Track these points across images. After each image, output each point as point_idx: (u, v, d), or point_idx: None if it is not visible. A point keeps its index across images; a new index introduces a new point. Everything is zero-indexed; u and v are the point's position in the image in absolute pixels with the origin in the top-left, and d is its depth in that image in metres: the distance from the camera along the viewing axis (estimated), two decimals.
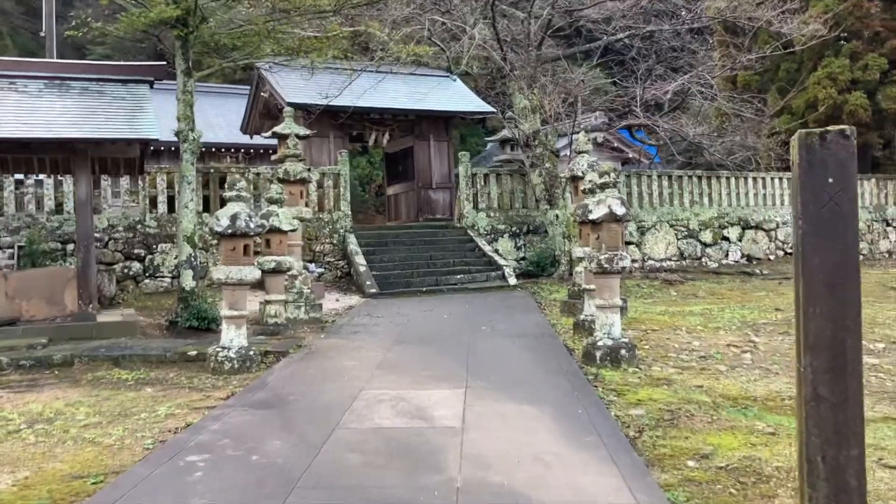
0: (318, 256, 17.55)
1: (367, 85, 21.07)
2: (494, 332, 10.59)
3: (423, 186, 22.60)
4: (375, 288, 15.69)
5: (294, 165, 12.30)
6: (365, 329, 11.16)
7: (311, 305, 12.32)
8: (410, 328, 11.14)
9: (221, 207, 17.39)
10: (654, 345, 9.84)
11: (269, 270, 10.25)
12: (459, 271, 17.11)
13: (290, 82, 20.85)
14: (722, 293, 16.22)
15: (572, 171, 12.22)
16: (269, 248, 10.30)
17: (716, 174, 22.38)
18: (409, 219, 22.95)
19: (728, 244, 22.16)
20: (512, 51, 19.59)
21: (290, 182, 12.30)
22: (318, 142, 20.96)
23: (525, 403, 6.41)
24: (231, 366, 8.33)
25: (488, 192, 19.78)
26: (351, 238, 17.65)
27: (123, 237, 16.27)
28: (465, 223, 19.26)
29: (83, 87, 11.64)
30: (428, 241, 18.54)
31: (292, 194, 12.39)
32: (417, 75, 23.43)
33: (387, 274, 16.55)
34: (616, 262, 8.15)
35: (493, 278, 17.08)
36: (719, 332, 10.97)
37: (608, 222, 8.23)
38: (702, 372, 8.30)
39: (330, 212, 18.06)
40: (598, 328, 8.35)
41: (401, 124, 22.52)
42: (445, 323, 11.68)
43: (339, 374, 7.84)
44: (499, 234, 19.35)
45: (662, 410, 6.51)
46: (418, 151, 22.72)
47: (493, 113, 22.52)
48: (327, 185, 18.11)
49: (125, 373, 8.55)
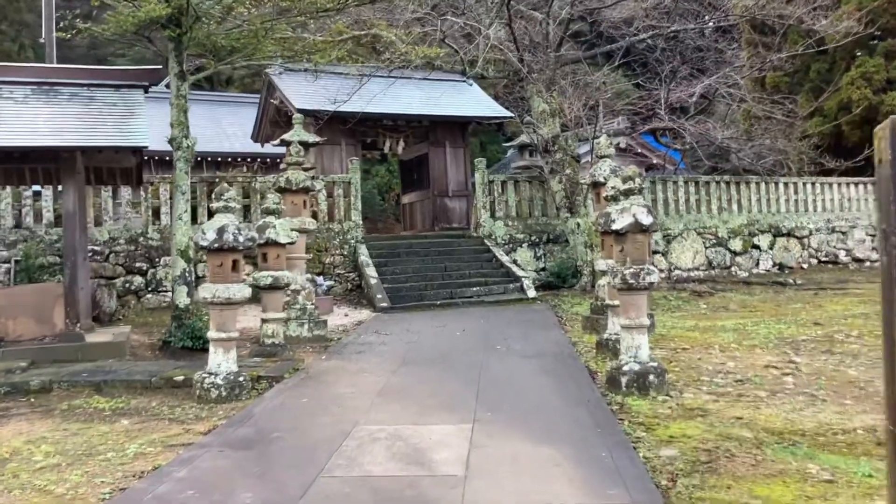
0: (327, 269, 16.84)
1: (379, 90, 20.38)
2: (510, 352, 9.78)
3: (439, 194, 21.85)
4: (387, 302, 14.93)
5: (296, 174, 11.58)
6: (370, 348, 10.39)
7: (316, 322, 11.58)
8: (420, 347, 10.36)
9: None
10: (684, 366, 8.98)
11: (266, 287, 9.52)
12: (475, 283, 16.32)
13: (301, 88, 20.21)
14: (755, 305, 15.29)
15: (593, 176, 11.40)
16: (265, 262, 9.57)
17: (745, 179, 21.43)
18: (425, 228, 22.21)
19: (759, 252, 21.19)
20: (529, 52, 18.81)
21: (292, 191, 11.59)
22: (330, 149, 20.29)
23: (541, 443, 5.60)
24: (218, 394, 7.59)
25: (506, 199, 18.98)
26: (362, 249, 16.92)
27: (125, 250, 15.66)
28: (482, 232, 18.48)
29: (72, 92, 11.01)
30: (443, 251, 17.78)
31: (295, 204, 11.67)
32: (432, 80, 22.69)
33: (399, 287, 15.80)
34: (643, 277, 7.32)
35: (510, 290, 16.27)
36: (756, 351, 10.09)
37: (633, 233, 7.41)
38: (739, 399, 7.44)
39: (340, 222, 17.35)
40: (624, 350, 7.52)
41: (415, 130, 21.79)
42: (458, 341, 10.88)
43: (334, 404, 7.07)
44: (517, 244, 18.54)
45: (698, 450, 5.67)
46: (433, 158, 21.98)
47: (511, 117, 21.72)
48: (337, 194, 17.40)
49: (104, 401, 7.84)
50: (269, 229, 9.47)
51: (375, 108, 20.39)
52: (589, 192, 18.16)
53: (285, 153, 12.02)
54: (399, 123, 21.37)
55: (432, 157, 21.99)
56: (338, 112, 18.64)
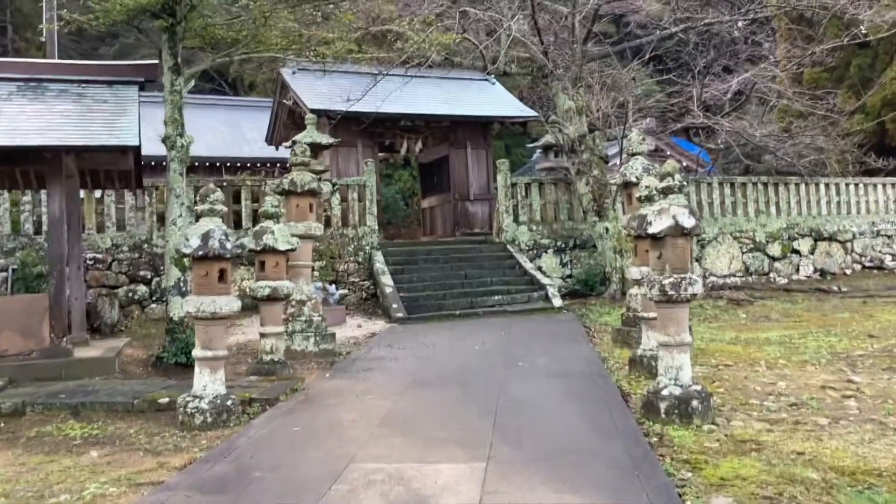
0: (341, 276, 16.03)
1: (397, 89, 19.60)
2: (533, 370, 8.86)
3: (460, 198, 20.98)
4: (402, 312, 14.07)
5: (302, 175, 10.78)
6: (380, 365, 9.53)
7: (323, 336, 10.75)
8: (434, 364, 9.48)
9: (236, 226, 16.03)
10: (729, 387, 8.02)
11: (264, 298, 8.69)
12: (497, 292, 15.41)
13: (314, 88, 19.46)
14: (798, 315, 14.23)
15: (625, 176, 10.48)
16: (263, 271, 8.75)
17: (783, 180, 20.31)
18: (445, 233, 21.35)
19: (798, 258, 20.05)
20: (554, 47, 17.91)
21: (296, 194, 10.78)
22: (346, 151, 19.52)
23: (566, 489, 4.69)
24: (202, 420, 6.77)
25: (530, 203, 18.06)
26: (377, 256, 16.08)
27: (128, 258, 14.96)
28: (505, 238, 17.57)
29: (61, 89, 10.29)
30: (463, 257, 16.89)
31: (300, 208, 10.86)
32: (452, 78, 21.89)
33: (416, 296, 14.93)
34: (684, 287, 6.39)
35: (535, 299, 15.33)
36: (807, 368, 9.09)
37: (673, 237, 6.48)
38: (797, 428, 6.47)
39: (355, 227, 16.53)
40: (663, 371, 6.58)
41: (435, 131, 20.95)
42: (476, 356, 9.99)
43: (330, 434, 6.21)
44: (542, 250, 17.60)
45: (757, 497, 4.73)
46: (454, 160, 21.12)
47: (536, 117, 20.81)
48: (352, 198, 16.59)
49: (79, 427, 7.05)
50: (266, 235, 8.64)
51: (393, 107, 19.59)
52: (619, 194, 17.21)
53: (290, 154, 11.19)
54: (418, 124, 20.55)
55: (453, 159, 21.13)
56: (353, 112, 17.86)
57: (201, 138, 26.52)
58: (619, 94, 17.87)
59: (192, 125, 27.21)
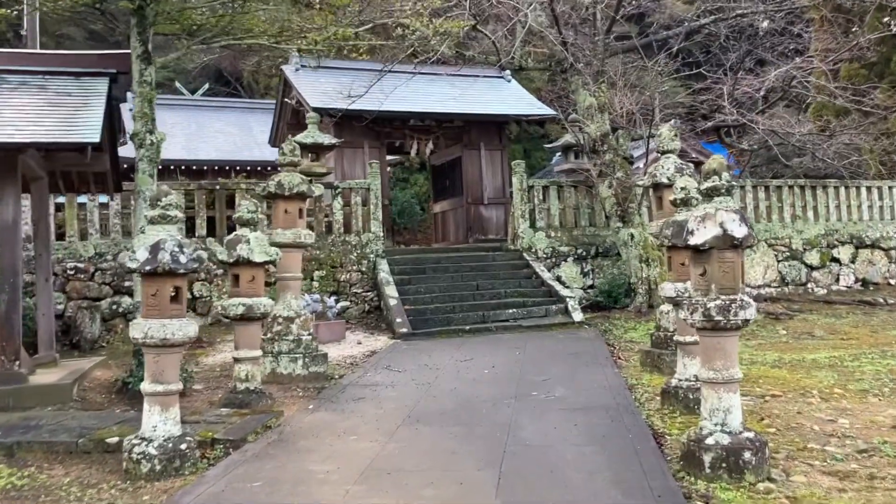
0: (343, 287, 14.91)
1: (405, 87, 18.53)
2: (549, 403, 7.68)
3: (473, 202, 19.84)
4: (407, 327, 12.94)
5: (290, 176, 9.67)
6: (374, 393, 8.39)
7: (313, 357, 9.63)
8: (435, 392, 8.33)
9: (229, 232, 14.99)
10: (782, 426, 6.81)
11: (238, 318, 7.57)
12: (512, 304, 14.23)
13: (318, 86, 18.43)
14: (845, 332, 12.93)
15: (654, 176, 9.28)
16: (237, 286, 7.64)
17: (821, 183, 18.97)
18: (458, 240, 20.21)
19: (838, 266, 18.69)
20: (574, 40, 16.75)
21: (284, 197, 9.66)
22: (351, 153, 18.46)
23: None
24: (150, 467, 5.66)
25: (548, 207, 16.86)
26: (382, 265, 14.96)
27: (112, 267, 13.93)
28: (521, 245, 16.38)
29: (21, 81, 9.25)
30: (475, 266, 15.73)
31: (288, 213, 9.74)
32: (465, 76, 20.77)
33: (423, 308, 13.79)
34: (734, 311, 5.21)
35: (553, 313, 14.14)
36: (869, 400, 7.86)
37: (720, 249, 5.29)
38: (874, 486, 5.26)
39: (358, 233, 15.42)
40: (707, 414, 5.39)
41: (446, 131, 19.82)
42: (484, 383, 8.82)
43: (295, 493, 5.07)
44: (561, 258, 16.40)
45: None
46: (467, 162, 19.98)
47: (554, 115, 19.65)
48: (354, 203, 15.48)
49: (7, 473, 5.96)
50: (240, 245, 7.53)
51: (401, 105, 18.57)
52: (644, 198, 16.02)
53: (279, 154, 10.09)
54: (428, 123, 19.44)
55: (466, 160, 19.99)
56: (358, 110, 16.82)
57: (211, 141, 25.69)
58: (644, 90, 16.65)
59: (202, 128, 26.51)
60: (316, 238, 15.19)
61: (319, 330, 12.73)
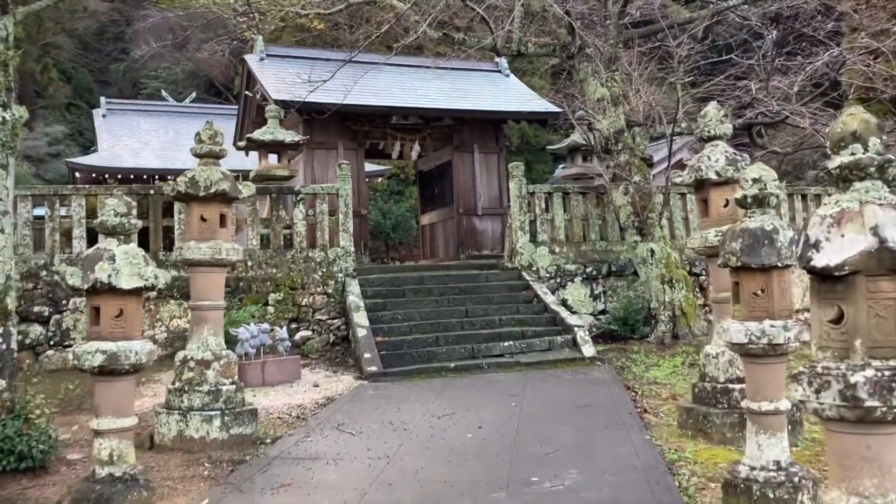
0: (304, 313, 12.53)
1: (388, 80, 16.31)
2: (557, 497, 5.29)
3: (465, 213, 17.48)
4: (376, 364, 10.55)
5: (207, 171, 7.32)
6: (306, 475, 5.98)
7: (236, 413, 7.24)
8: (393, 475, 5.92)
9: (168, 247, 12.61)
10: None
11: (95, 370, 5.19)
12: (508, 335, 11.85)
13: (284, 77, 16.14)
14: None
15: (699, 171, 6.95)
16: (97, 324, 5.27)
17: None
18: (448, 256, 17.85)
19: None
20: (582, 25, 14.49)
21: (198, 199, 7.30)
22: (323, 155, 16.14)
23: None
24: None
25: (551, 217, 14.48)
26: (353, 286, 12.58)
27: (19, 289, 11.54)
28: (520, 262, 13.99)
29: None
30: (465, 288, 13.34)
31: (206, 221, 7.38)
32: (457, 69, 18.54)
33: (399, 340, 11.41)
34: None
35: (558, 345, 11.76)
36: None
37: (875, 275, 2.94)
38: None
39: (324, 248, 13.04)
40: None
41: (435, 131, 17.50)
42: (465, 458, 6.41)
43: None
44: (567, 278, 14.01)
45: None
46: (458, 167, 17.65)
47: (558, 113, 17.37)
48: (319, 212, 13.11)
49: None
50: (100, 265, 5.15)
51: (381, 100, 16.29)
52: (666, 207, 13.72)
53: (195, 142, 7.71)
54: (413, 122, 17.13)
55: (457, 165, 17.65)
56: (329, 104, 14.47)
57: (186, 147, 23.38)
58: (664, 80, 14.33)
59: (181, 135, 24.21)
60: (272, 253, 12.88)
61: (267, 368, 10.39)
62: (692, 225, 15.16)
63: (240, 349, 10.23)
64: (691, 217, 15.15)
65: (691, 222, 15.13)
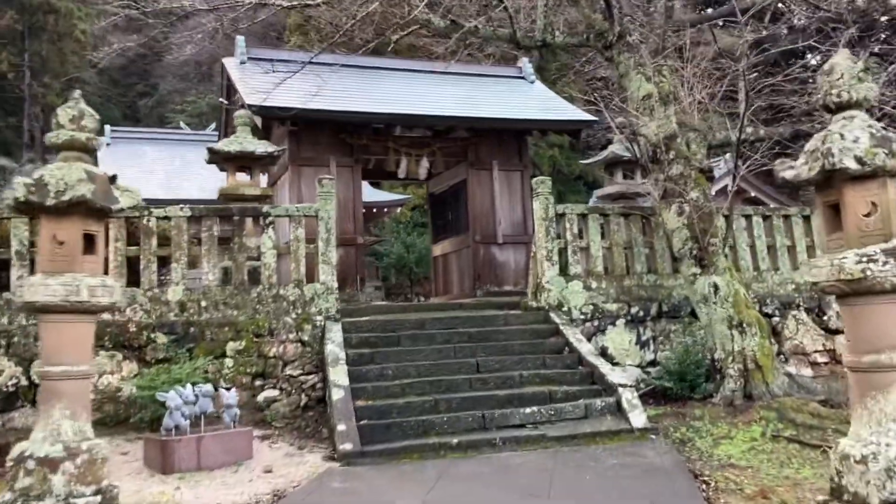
0: (271, 367, 10.03)
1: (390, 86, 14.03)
2: None
3: (483, 241, 14.98)
4: (352, 441, 7.98)
5: (64, 170, 4.91)
6: None
7: None
8: None
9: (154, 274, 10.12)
10: None
11: None
12: (531, 398, 9.20)
13: (265, 81, 13.77)
14: None
15: (829, 156, 4.38)
16: None
17: None
18: (463, 292, 15.31)
19: None
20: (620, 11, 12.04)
21: (49, 211, 4.88)
22: (311, 172, 13.72)
23: None
24: None
25: (586, 245, 11.89)
26: (334, 331, 10.07)
27: None
28: (547, 300, 11.39)
29: None
30: (477, 333, 10.71)
31: (63, 245, 4.95)
32: (475, 75, 16.34)
33: (385, 406, 8.83)
34: None
35: (597, 412, 9.10)
36: None
37: None
38: None
39: (299, 285, 10.55)
40: None
41: (447, 145, 15.06)
42: None
43: None
44: (606, 321, 11.38)
45: None
46: (474, 187, 15.18)
47: (594, 122, 14.88)
48: (293, 238, 10.64)
49: None
50: None
51: (381, 106, 13.97)
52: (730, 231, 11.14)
53: (53, 124, 5.29)
54: (420, 134, 14.70)
55: (473, 185, 15.17)
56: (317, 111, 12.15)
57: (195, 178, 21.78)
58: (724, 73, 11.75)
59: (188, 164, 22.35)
60: (233, 291, 10.41)
61: (204, 446, 7.90)
62: (760, 254, 12.57)
63: (168, 420, 7.82)
64: (758, 244, 12.58)
65: (758, 250, 12.55)
